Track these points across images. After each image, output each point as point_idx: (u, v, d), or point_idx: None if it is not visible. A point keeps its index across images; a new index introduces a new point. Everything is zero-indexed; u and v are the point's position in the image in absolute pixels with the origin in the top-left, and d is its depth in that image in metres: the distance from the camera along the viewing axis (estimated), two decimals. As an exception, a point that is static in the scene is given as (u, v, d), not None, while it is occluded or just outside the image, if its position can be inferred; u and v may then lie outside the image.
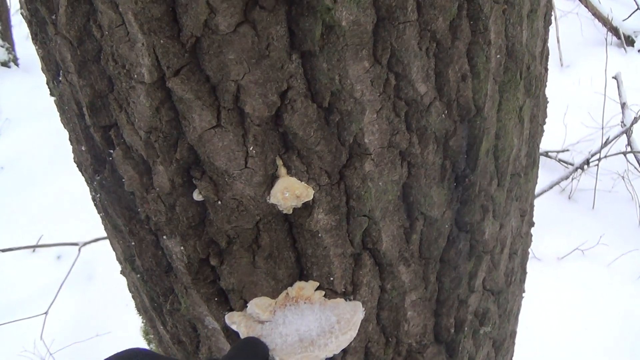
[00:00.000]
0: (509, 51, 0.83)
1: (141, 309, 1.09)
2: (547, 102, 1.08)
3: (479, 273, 1.00)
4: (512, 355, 1.43)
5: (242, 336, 0.83)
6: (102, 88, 0.73)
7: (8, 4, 8.70)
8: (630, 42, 7.91)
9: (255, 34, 0.63)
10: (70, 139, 0.88)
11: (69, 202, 5.78)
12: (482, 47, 0.77)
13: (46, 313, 3.72)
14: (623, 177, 5.30)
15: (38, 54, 0.81)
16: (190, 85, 0.67)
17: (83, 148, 0.82)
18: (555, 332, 4.18)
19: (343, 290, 0.85)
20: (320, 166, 0.73)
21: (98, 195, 0.87)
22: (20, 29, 9.08)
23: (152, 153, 0.73)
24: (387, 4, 0.66)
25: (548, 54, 1.03)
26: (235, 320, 0.84)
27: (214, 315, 0.88)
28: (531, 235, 1.23)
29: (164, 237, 0.81)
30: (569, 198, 5.51)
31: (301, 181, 0.73)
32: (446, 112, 0.78)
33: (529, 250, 1.31)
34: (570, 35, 8.11)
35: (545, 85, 1.04)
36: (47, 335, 3.86)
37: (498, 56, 0.81)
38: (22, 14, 0.80)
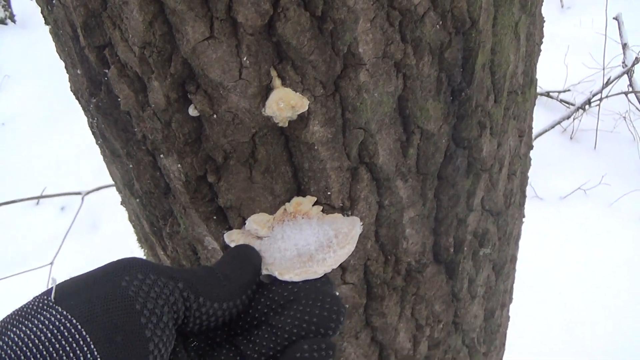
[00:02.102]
0: (503, -39, 0.83)
1: (142, 237, 1.10)
2: (544, 21, 1.07)
3: (478, 192, 1.01)
4: (513, 281, 1.45)
5: None
6: (96, 6, 0.73)
7: (2, -41, 8.63)
8: (631, -19, 7.84)
9: (245, -62, 0.62)
10: (66, 67, 0.88)
11: (70, 156, 5.83)
12: (476, -45, 0.77)
13: (51, 263, 3.76)
14: (625, 118, 5.33)
15: (30, -21, 0.81)
16: (182, -4, 0.66)
17: (79, 72, 0.82)
18: (556, 270, 4.25)
19: (341, 205, 0.86)
20: (314, 76, 0.73)
21: (95, 120, 0.87)
22: (15, -15, 9.01)
23: (147, 69, 0.73)
24: None
25: (544, -31, 1.03)
26: (234, 238, 0.84)
27: (213, 234, 0.88)
28: (530, 159, 1.24)
29: (161, 156, 0.81)
30: (571, 138, 5.54)
31: (296, 92, 0.73)
32: (440, 23, 0.78)
33: (529, 179, 1.31)
34: (570, -24, 8.03)
35: (542, 4, 1.03)
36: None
37: (492, -34, 0.80)
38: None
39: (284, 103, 0.72)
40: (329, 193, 0.84)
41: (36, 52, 7.90)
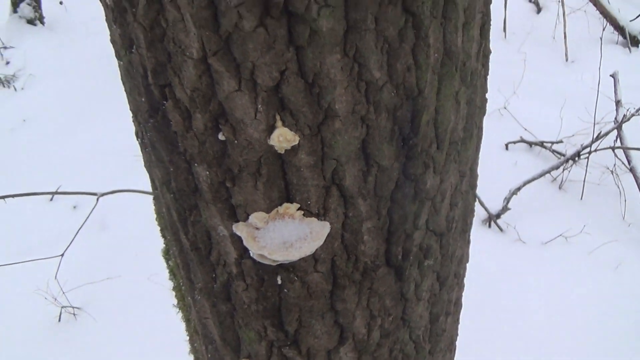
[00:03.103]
0: (446, 51, 1.13)
1: (168, 225, 1.40)
2: (487, 91, 1.39)
3: (422, 214, 1.31)
4: (458, 295, 1.72)
5: (244, 239, 1.17)
6: (163, 60, 1.05)
7: (34, -37, 8.76)
8: (635, 42, 8.12)
9: (267, 33, 0.95)
10: (131, 92, 1.19)
11: (86, 156, 5.94)
12: (423, 49, 1.08)
13: (62, 255, 3.90)
14: (612, 171, 5.47)
15: (115, 32, 1.12)
16: (223, 62, 0.99)
17: (143, 99, 1.14)
18: (535, 311, 4.39)
19: (317, 212, 1.18)
20: (304, 122, 1.06)
21: (148, 134, 1.18)
22: (46, -13, 9.12)
23: (194, 105, 1.06)
24: (353, 17, 0.98)
25: (488, 53, 1.33)
26: (240, 228, 1.17)
27: (225, 224, 1.21)
28: (474, 195, 1.56)
29: (195, 164, 1.14)
30: (560, 188, 5.69)
31: (291, 131, 1.06)
32: (395, 91, 1.09)
33: (475, 208, 1.63)
34: (578, 32, 8.24)
35: (483, 77, 1.34)
36: (60, 278, 4.10)
37: (436, 55, 1.12)
38: (104, 1, 1.12)
39: (283, 137, 1.06)
40: (309, 202, 1.17)
41: (61, 54, 8.05)
